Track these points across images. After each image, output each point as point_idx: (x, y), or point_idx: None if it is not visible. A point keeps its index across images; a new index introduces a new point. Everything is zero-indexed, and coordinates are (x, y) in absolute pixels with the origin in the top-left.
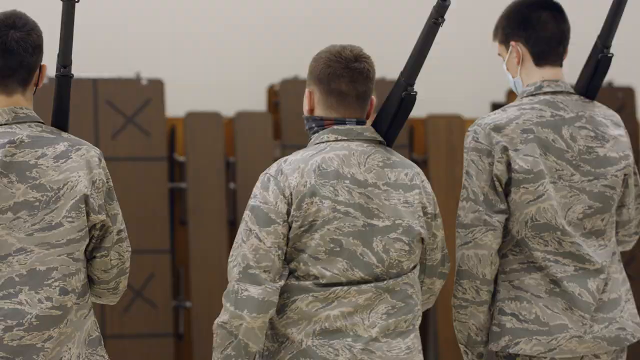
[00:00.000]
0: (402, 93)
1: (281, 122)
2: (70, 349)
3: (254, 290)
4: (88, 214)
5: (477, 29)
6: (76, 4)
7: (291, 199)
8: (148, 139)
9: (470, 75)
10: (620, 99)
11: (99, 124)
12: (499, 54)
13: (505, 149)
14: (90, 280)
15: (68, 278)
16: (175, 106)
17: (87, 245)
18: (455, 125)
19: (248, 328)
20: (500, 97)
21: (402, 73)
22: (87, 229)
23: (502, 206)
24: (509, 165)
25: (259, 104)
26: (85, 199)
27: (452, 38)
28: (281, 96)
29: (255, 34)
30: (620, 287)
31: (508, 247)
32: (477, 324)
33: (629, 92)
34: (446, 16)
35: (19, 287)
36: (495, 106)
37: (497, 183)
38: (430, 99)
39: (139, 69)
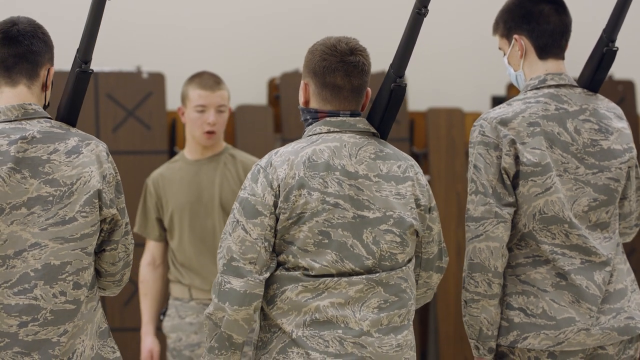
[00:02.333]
0: (392, 85)
1: (282, 116)
2: (83, 340)
3: (236, 283)
4: (100, 209)
5: (477, 22)
6: (71, 1)
7: (279, 191)
8: (149, 133)
9: (471, 69)
10: (620, 92)
11: (100, 117)
12: (500, 48)
13: (512, 142)
14: (97, 273)
15: (81, 272)
16: (176, 100)
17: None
18: (456, 119)
19: (230, 320)
20: (501, 91)
21: (391, 65)
22: (99, 223)
23: (511, 199)
24: (516, 158)
25: (260, 97)
26: (99, 193)
27: (453, 32)
28: (282, 89)
29: (255, 27)
30: (625, 277)
31: (513, 241)
32: (488, 318)
33: (629, 85)
34: (443, 9)
35: (34, 282)
36: (496, 100)
37: (505, 176)
38: (431, 92)
39: (139, 62)
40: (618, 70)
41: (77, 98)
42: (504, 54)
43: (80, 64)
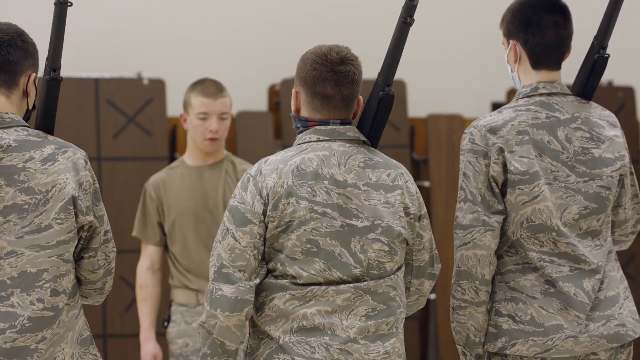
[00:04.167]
0: (380, 94)
1: (282, 122)
2: (63, 349)
3: (227, 290)
4: (76, 216)
5: (477, 30)
6: (73, 7)
7: (268, 199)
8: (150, 139)
9: (471, 76)
10: (620, 99)
11: (101, 123)
12: (503, 43)
13: (501, 151)
14: (78, 281)
15: (59, 279)
16: (177, 106)
17: (75, 247)
18: (456, 125)
19: (222, 327)
20: (501, 97)
21: (379, 74)
22: (76, 230)
23: (500, 207)
24: (505, 167)
25: (261, 103)
26: (74, 201)
27: (453, 39)
28: (282, 96)
29: (256, 34)
30: (618, 285)
31: (504, 248)
32: (475, 325)
33: (629, 91)
34: (444, 16)
35: (11, 290)
36: (496, 106)
37: (494, 184)
38: (431, 99)
39: (140, 69)
40: (618, 76)
41: (51, 106)
42: (505, 50)
43: (49, 72)
